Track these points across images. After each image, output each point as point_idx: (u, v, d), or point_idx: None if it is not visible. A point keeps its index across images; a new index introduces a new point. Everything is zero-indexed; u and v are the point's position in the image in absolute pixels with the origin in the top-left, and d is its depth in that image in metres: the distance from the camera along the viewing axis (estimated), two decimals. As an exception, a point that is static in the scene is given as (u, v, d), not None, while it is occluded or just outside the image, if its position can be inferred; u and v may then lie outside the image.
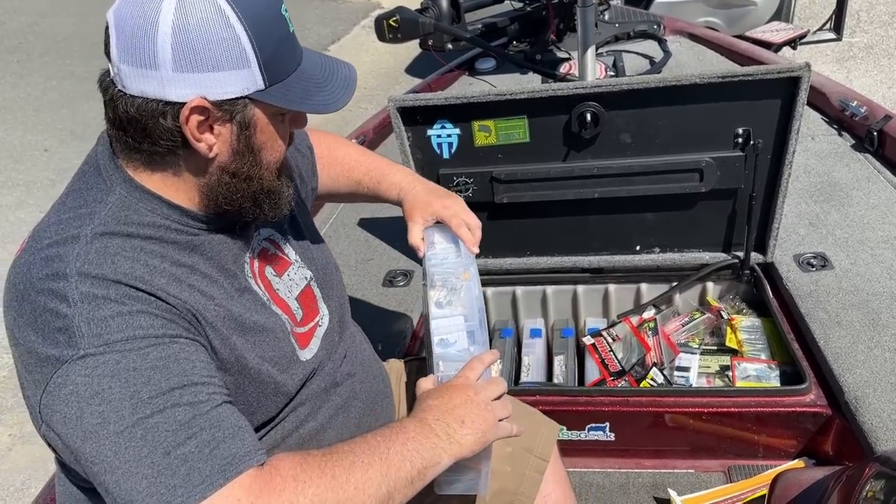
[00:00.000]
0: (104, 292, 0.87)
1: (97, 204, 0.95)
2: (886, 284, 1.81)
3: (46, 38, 7.99)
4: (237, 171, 0.97)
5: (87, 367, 0.84)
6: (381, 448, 0.94)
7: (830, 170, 2.36)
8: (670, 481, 1.74)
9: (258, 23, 0.90)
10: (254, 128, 0.95)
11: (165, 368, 0.86)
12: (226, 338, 0.97)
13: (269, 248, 1.15)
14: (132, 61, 0.88)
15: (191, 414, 0.86)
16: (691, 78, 1.71)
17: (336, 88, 1.00)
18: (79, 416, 0.84)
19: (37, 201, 4.88)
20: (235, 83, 0.90)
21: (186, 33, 0.86)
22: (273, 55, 0.92)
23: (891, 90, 5.04)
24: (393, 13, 2.78)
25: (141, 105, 0.90)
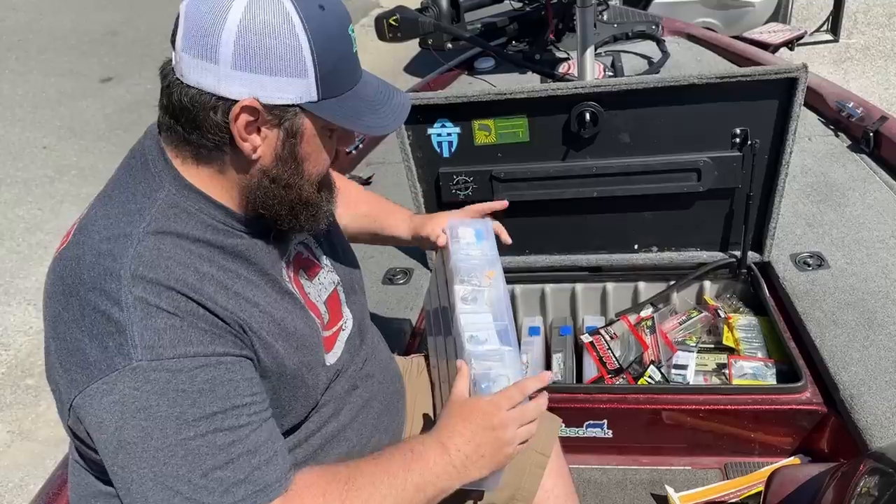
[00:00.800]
0: (157, 300, 0.88)
1: (146, 200, 0.96)
2: (881, 284, 1.83)
3: (45, 36, 7.98)
4: (277, 177, 0.98)
5: (136, 380, 0.85)
6: (399, 478, 0.98)
7: (827, 170, 2.38)
8: (667, 478, 1.76)
9: (323, 36, 0.91)
10: (300, 137, 0.96)
11: (211, 392, 0.89)
12: (269, 345, 0.99)
13: (302, 251, 1.16)
14: (194, 52, 0.89)
15: (231, 438, 0.89)
16: (689, 78, 1.72)
17: (388, 113, 1.01)
18: (119, 426, 0.86)
19: (35, 198, 4.89)
20: (290, 90, 0.91)
21: (251, 34, 0.88)
22: (332, 70, 0.93)
23: (887, 91, 5.06)
24: (393, 12, 2.80)
25: (195, 96, 0.91)
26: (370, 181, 2.77)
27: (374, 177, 2.80)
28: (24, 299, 3.93)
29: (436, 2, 2.95)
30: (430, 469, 1.00)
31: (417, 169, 1.97)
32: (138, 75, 6.90)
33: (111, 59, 7.35)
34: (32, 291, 3.97)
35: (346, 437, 1.18)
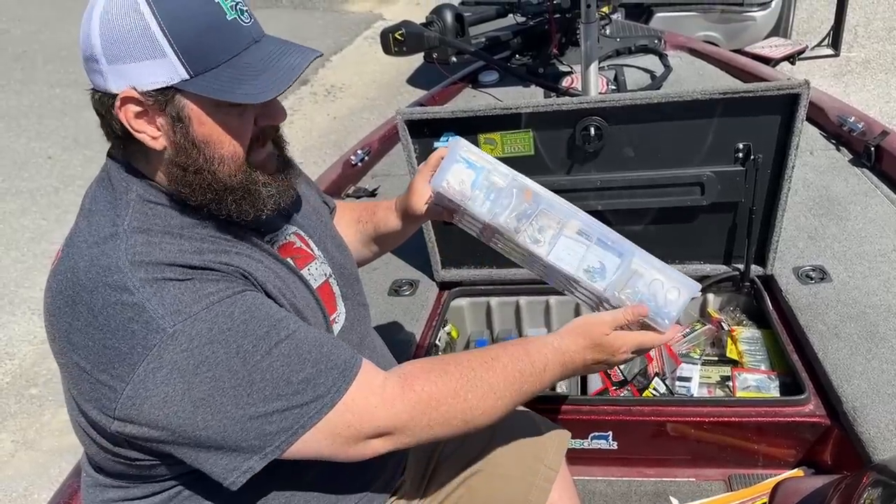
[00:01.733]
0: (162, 275, 0.90)
1: (121, 202, 0.97)
2: (884, 297, 1.84)
3: (50, 47, 8.03)
4: (185, 165, 0.96)
5: (180, 343, 0.87)
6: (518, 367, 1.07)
7: (829, 184, 2.39)
8: (672, 489, 1.77)
9: (174, 10, 0.89)
10: (188, 120, 0.94)
11: (253, 318, 0.92)
12: (276, 298, 1.01)
13: (295, 241, 1.17)
14: (83, 55, 0.92)
15: (294, 343, 0.93)
16: (693, 94, 1.74)
17: (272, 78, 0.94)
18: (186, 389, 0.88)
19: (40, 209, 4.91)
20: (158, 74, 0.90)
21: (109, 25, 0.89)
22: (194, 44, 0.90)
23: (888, 105, 5.08)
24: (399, 27, 2.83)
25: (99, 99, 0.94)
26: (375, 193, 2.79)
27: (379, 189, 2.82)
28: (29, 309, 3.95)
29: (440, 16, 2.98)
30: (548, 368, 1.10)
31: (423, 182, 1.99)
32: (143, 86, 6.93)
33: (116, 70, 7.38)
34: (37, 301, 3.98)
35: None
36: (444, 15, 3.00)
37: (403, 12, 7.91)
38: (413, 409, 0.98)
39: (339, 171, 2.85)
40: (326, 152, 5.33)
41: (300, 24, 8.60)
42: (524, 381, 1.07)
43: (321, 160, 5.10)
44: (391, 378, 0.99)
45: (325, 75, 7.09)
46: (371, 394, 0.96)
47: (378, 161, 3.06)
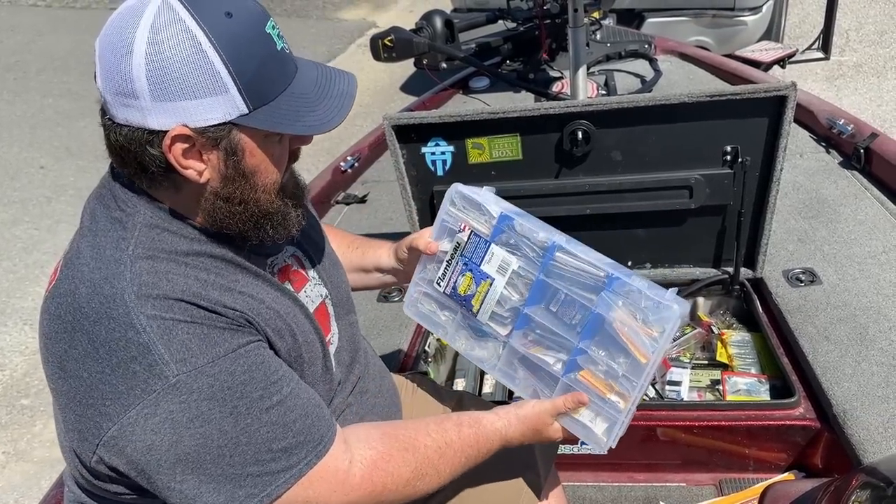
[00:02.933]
0: (171, 314, 0.88)
1: (127, 225, 0.94)
2: (873, 299, 1.84)
3: (43, 56, 8.02)
4: (230, 197, 0.95)
5: (180, 395, 0.86)
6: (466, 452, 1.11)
7: (818, 186, 2.39)
8: (662, 495, 1.76)
9: (235, 46, 0.87)
10: (241, 153, 0.93)
11: (252, 379, 0.92)
12: (273, 342, 1.01)
13: (292, 263, 1.16)
14: (114, 90, 0.87)
15: (282, 411, 0.93)
16: (680, 97, 1.74)
17: (330, 107, 0.96)
18: (175, 441, 0.86)
19: (32, 218, 4.89)
20: (216, 110, 0.88)
21: (159, 62, 0.84)
22: (255, 77, 0.89)
23: (880, 108, 5.09)
24: (388, 33, 2.83)
25: (128, 134, 0.89)
26: (365, 199, 2.79)
27: (369, 195, 2.81)
28: (21, 319, 3.92)
29: (430, 22, 2.98)
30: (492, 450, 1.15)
31: (412, 187, 1.99)
32: (136, 95, 6.92)
33: (109, 79, 7.37)
34: (29, 311, 3.97)
35: None
36: (433, 21, 3.00)
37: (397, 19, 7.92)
38: (366, 499, 1.00)
39: (329, 178, 2.85)
40: (319, 159, 5.31)
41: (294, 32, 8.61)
42: (467, 464, 1.12)
43: (314, 167, 5.08)
44: (356, 465, 0.99)
45: (319, 83, 7.06)
46: (333, 478, 0.97)
47: (368, 167, 3.05)
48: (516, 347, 1.23)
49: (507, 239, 1.24)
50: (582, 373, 1.15)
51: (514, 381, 1.25)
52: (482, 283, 1.25)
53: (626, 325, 1.11)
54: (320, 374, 1.12)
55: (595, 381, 1.14)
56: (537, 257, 1.21)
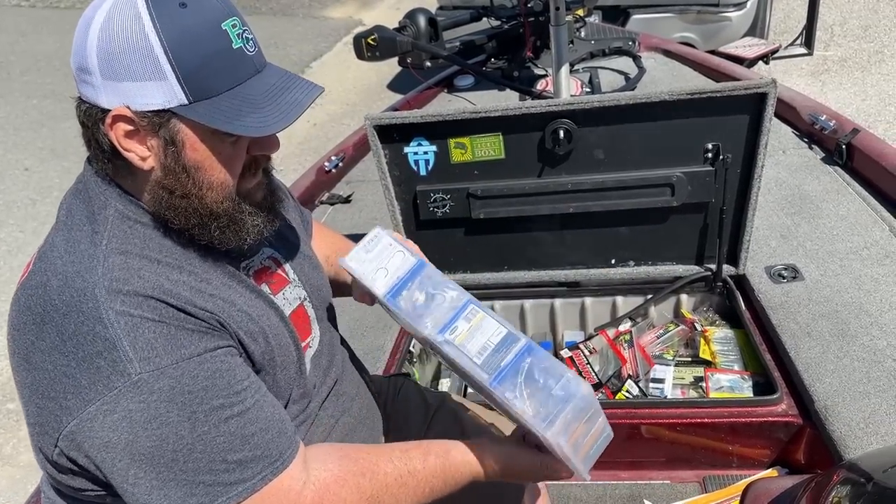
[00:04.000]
0: (139, 311, 0.88)
1: (99, 218, 0.95)
2: (855, 295, 1.85)
3: (27, 57, 7.97)
4: (172, 188, 0.94)
5: (141, 394, 0.85)
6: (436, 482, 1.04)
7: (801, 182, 2.40)
8: (646, 492, 1.76)
9: (178, 35, 0.87)
10: (181, 144, 0.92)
11: (214, 386, 0.90)
12: (246, 344, 0.99)
13: (270, 265, 1.15)
14: (76, 65, 0.90)
15: (242, 422, 0.91)
16: (661, 95, 1.74)
17: (274, 111, 0.93)
18: (131, 440, 0.86)
19: (17, 221, 4.86)
20: (155, 96, 0.88)
21: (108, 41, 0.87)
22: (197, 70, 0.89)
23: (864, 103, 5.12)
24: (371, 32, 2.82)
25: (87, 111, 0.92)
26: (350, 200, 2.78)
27: (353, 195, 2.80)
28: (6, 322, 3.90)
29: (414, 21, 2.97)
30: (463, 483, 1.06)
31: (395, 187, 1.98)
32: (121, 96, 6.88)
33: (94, 79, 7.34)
34: (13, 315, 3.94)
35: None
36: (417, 19, 2.99)
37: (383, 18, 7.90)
38: None
39: (313, 178, 2.84)
40: (306, 159, 5.30)
41: (280, 31, 8.57)
42: (433, 495, 1.05)
43: (300, 167, 5.07)
44: (308, 487, 0.95)
45: (305, 82, 7.04)
46: (285, 497, 0.94)
47: (353, 167, 3.04)
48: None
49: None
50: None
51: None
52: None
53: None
54: (294, 377, 1.11)
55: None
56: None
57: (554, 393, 0.95)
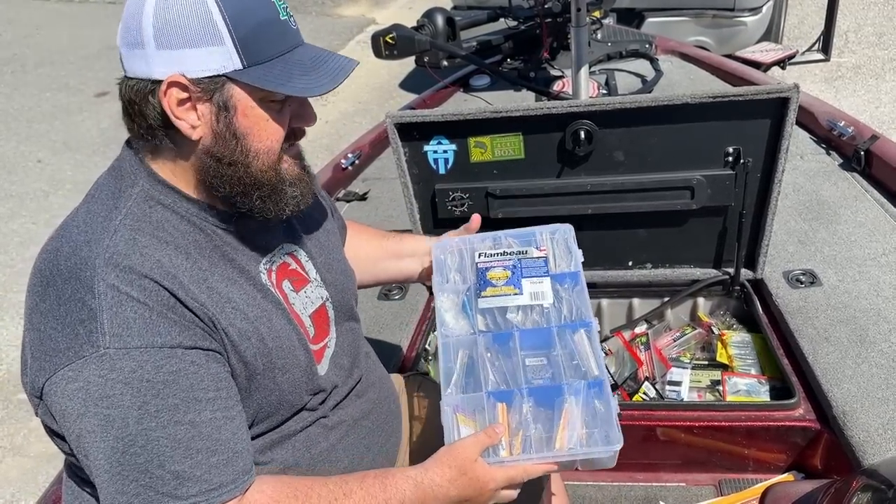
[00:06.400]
0: (128, 288, 0.89)
1: (123, 195, 0.97)
2: (873, 301, 1.84)
3: (41, 50, 8.00)
4: (221, 156, 0.97)
5: (102, 368, 0.86)
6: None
7: (819, 188, 2.40)
8: (662, 495, 1.76)
9: (236, 2, 0.91)
10: (233, 109, 0.95)
11: (175, 383, 0.89)
12: (236, 344, 0.99)
13: (290, 262, 1.15)
14: (126, 42, 0.92)
15: (191, 433, 0.89)
16: (683, 98, 1.74)
17: (323, 75, 0.98)
18: (81, 413, 0.87)
19: (30, 213, 4.88)
20: (211, 61, 0.91)
21: (166, 11, 0.89)
22: (251, 35, 0.92)
23: (878, 110, 5.10)
24: (390, 30, 2.82)
25: (135, 85, 0.94)
26: (366, 197, 2.78)
27: (370, 192, 2.81)
28: (18, 314, 3.91)
29: (432, 20, 2.98)
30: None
31: (413, 185, 1.98)
32: (134, 90, 6.90)
33: (107, 73, 7.36)
34: (26, 306, 3.96)
35: (337, 457, 1.17)
36: (435, 19, 2.99)
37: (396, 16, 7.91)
38: None
39: (330, 175, 2.84)
40: (318, 156, 5.31)
41: (292, 28, 8.57)
42: None
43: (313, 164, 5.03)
44: None
45: (318, 79, 7.05)
46: None
47: (369, 164, 3.05)
48: (478, 345, 1.20)
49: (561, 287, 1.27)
50: (501, 405, 1.12)
51: (448, 361, 1.18)
52: (510, 287, 1.26)
53: (571, 414, 1.10)
54: (301, 380, 1.09)
55: (504, 418, 1.11)
56: (566, 318, 1.22)
57: None
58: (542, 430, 1.10)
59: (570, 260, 1.32)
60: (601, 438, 1.08)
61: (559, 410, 1.11)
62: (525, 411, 1.11)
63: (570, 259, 1.32)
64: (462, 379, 1.16)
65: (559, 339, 1.19)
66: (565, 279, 1.28)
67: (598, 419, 1.10)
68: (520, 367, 1.16)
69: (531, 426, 1.10)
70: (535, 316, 1.23)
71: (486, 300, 1.25)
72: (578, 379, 1.14)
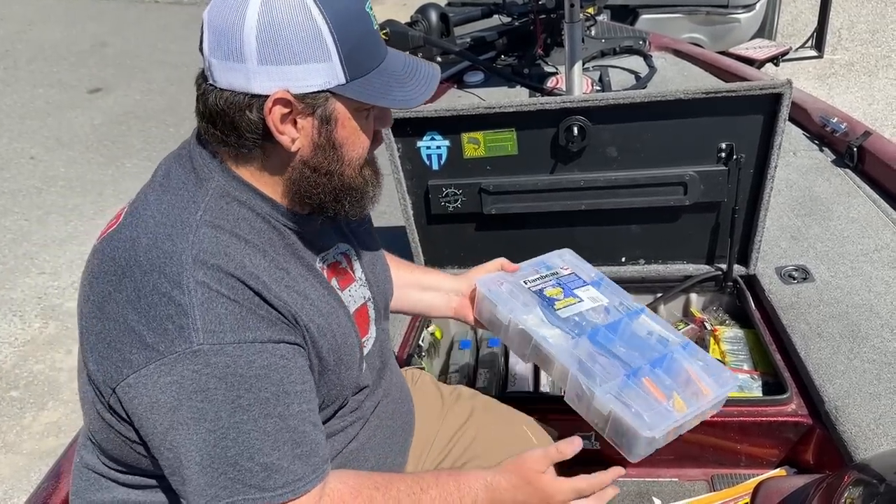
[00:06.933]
0: (218, 286, 0.89)
1: (198, 189, 0.97)
2: (865, 297, 1.85)
3: (34, 46, 7.97)
4: (318, 166, 0.98)
5: (197, 363, 0.87)
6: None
7: (812, 184, 2.40)
8: (654, 490, 1.77)
9: (340, 17, 0.91)
10: (335, 122, 0.96)
11: (266, 378, 0.90)
12: (315, 339, 1.00)
13: (341, 261, 1.15)
14: (221, 55, 0.91)
15: (279, 426, 0.91)
16: (676, 93, 1.74)
17: (417, 85, 1.00)
18: (175, 406, 0.87)
19: (22, 209, 4.86)
20: (317, 76, 0.91)
21: (271, 26, 0.88)
22: (354, 49, 0.93)
23: (871, 107, 5.12)
24: (383, 26, 2.81)
25: (229, 98, 0.92)
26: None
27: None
28: (10, 310, 3.90)
29: (425, 16, 2.97)
30: None
31: (407, 181, 1.98)
32: (127, 86, 6.89)
33: (100, 69, 7.35)
34: (18, 303, 3.94)
35: (365, 456, 1.19)
36: (428, 15, 2.99)
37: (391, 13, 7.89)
38: None
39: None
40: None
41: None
42: None
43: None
44: (324, 500, 0.97)
45: (312, 76, 7.03)
46: None
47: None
48: (582, 345, 1.30)
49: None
50: (645, 378, 1.23)
51: (576, 364, 1.26)
52: (570, 297, 1.41)
53: (693, 371, 1.28)
54: (356, 375, 1.11)
55: (654, 389, 1.22)
56: (623, 310, 1.41)
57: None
58: (682, 388, 1.25)
59: (588, 270, 1.53)
60: (727, 378, 1.28)
61: (682, 371, 1.28)
62: (662, 378, 1.25)
63: (587, 270, 1.53)
64: (598, 373, 1.26)
65: (632, 325, 1.37)
66: (597, 284, 1.48)
67: (710, 368, 1.29)
68: (624, 351, 1.29)
69: (675, 387, 1.24)
70: (602, 314, 1.39)
71: (563, 311, 1.37)
72: (672, 346, 1.32)
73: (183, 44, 7.97)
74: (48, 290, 4.05)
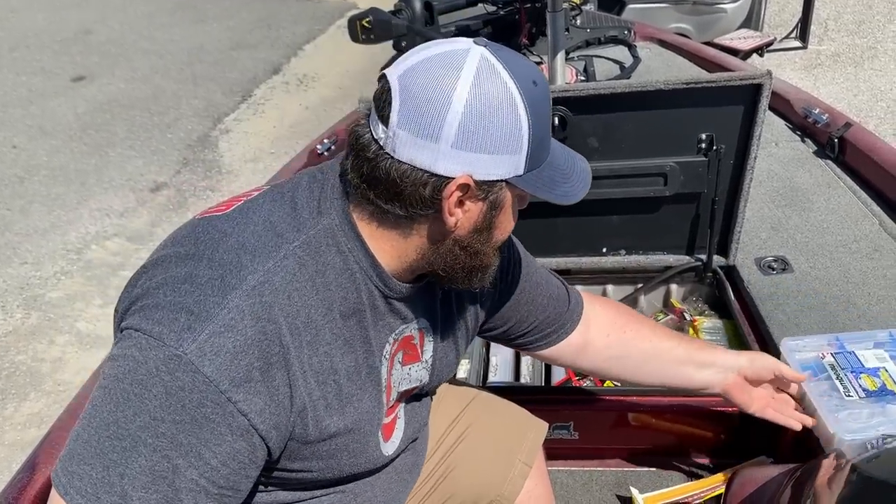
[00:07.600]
0: (250, 322, 0.85)
1: (310, 219, 0.95)
2: (843, 287, 1.86)
3: (16, 34, 7.88)
4: (469, 246, 0.97)
5: (167, 365, 0.82)
6: None
7: (793, 175, 2.41)
8: (632, 479, 1.78)
9: (537, 113, 0.91)
10: (500, 209, 0.96)
11: (196, 433, 0.83)
12: (321, 418, 0.95)
13: (414, 336, 1.12)
14: (413, 130, 0.87)
15: (166, 475, 0.82)
16: (656, 84, 1.74)
17: (577, 181, 1.00)
18: (116, 376, 0.83)
19: (4, 199, 4.82)
20: (503, 167, 0.91)
21: (476, 115, 0.87)
22: (538, 144, 0.93)
23: (856, 98, 5.14)
24: (366, 14, 2.79)
25: (406, 171, 0.89)
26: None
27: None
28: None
29: (409, 4, 2.95)
30: None
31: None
32: (111, 74, 6.83)
33: (84, 57, 7.28)
34: (0, 293, 3.91)
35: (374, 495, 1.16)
36: (412, 3, 2.96)
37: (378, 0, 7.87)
38: None
39: (305, 161, 2.82)
40: (298, 142, 5.28)
41: (273, 12, 8.51)
42: None
43: (292, 150, 5.05)
44: None
45: (298, 65, 7.02)
46: None
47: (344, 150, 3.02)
48: None
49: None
50: None
51: None
52: (879, 373, 1.42)
53: None
54: (362, 464, 1.07)
55: None
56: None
57: None
58: None
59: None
60: None
61: None
62: None
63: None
64: None
65: None
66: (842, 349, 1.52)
67: None
68: None
69: None
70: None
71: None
72: None
73: (168, 32, 7.90)
74: (30, 281, 4.03)
